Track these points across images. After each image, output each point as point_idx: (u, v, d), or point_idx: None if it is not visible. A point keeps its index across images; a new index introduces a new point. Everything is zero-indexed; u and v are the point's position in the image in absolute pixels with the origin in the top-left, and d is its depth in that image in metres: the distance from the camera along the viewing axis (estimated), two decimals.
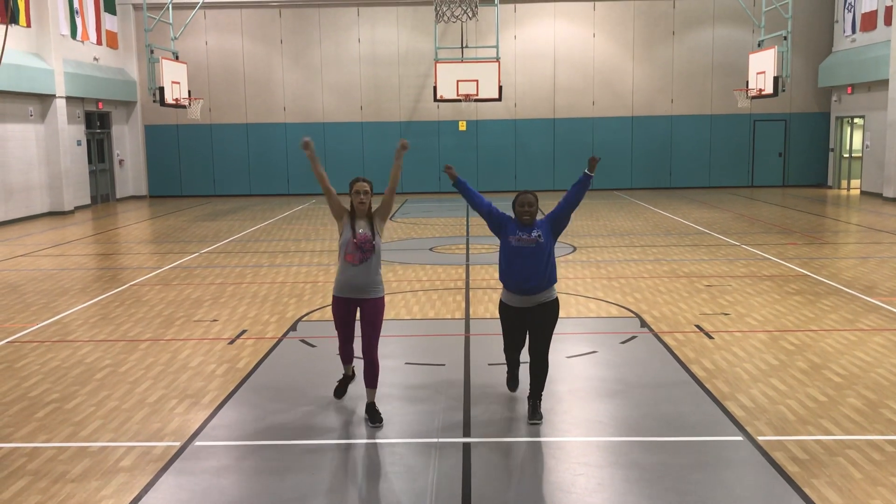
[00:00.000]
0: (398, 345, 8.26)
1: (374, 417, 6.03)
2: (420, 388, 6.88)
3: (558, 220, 6.04)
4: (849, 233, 16.54)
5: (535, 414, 6.02)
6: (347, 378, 6.59)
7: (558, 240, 6.52)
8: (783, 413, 6.13)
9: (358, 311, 6.17)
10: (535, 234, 5.91)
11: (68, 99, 22.43)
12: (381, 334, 6.21)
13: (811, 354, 7.68)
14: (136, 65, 26.81)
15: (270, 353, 8.00)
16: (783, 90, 22.31)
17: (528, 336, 6.12)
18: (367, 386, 6.14)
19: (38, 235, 17.75)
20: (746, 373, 7.13)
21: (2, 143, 19.98)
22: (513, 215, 6.07)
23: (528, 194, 5.98)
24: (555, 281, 6.02)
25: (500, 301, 6.19)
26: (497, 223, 6.11)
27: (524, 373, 6.39)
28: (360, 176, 6.16)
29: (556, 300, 6.05)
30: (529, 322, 6.02)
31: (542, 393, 6.15)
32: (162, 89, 21.66)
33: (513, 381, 6.51)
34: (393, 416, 6.18)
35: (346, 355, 6.44)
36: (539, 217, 6.08)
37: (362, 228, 6.02)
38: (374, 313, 6.07)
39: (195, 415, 6.28)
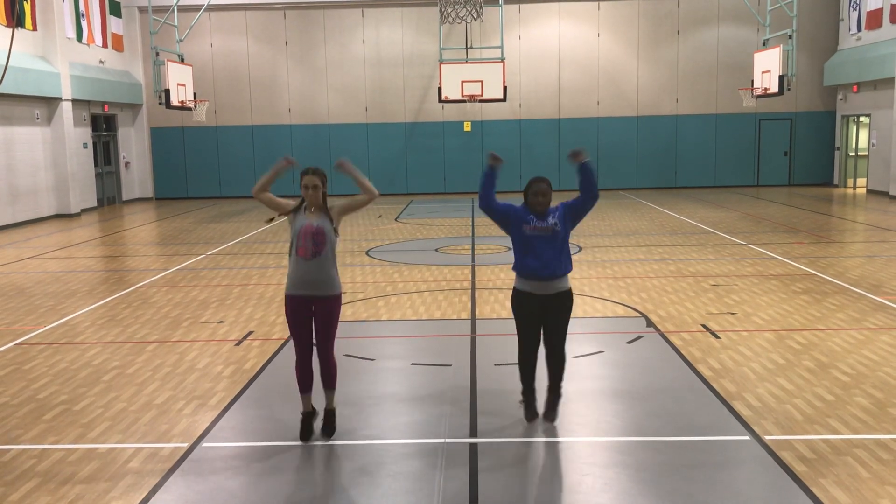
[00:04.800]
0: (404, 345, 8.25)
1: (328, 428, 5.75)
2: (426, 388, 6.88)
3: (576, 210, 5.83)
4: (855, 231, 16.49)
5: (550, 413, 5.99)
6: (309, 415, 5.82)
7: None
8: (790, 412, 6.12)
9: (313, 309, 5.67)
10: (550, 221, 5.74)
11: (74, 102, 22.51)
12: (388, 335, 6.17)
13: (818, 353, 7.66)
14: (141, 67, 26.88)
15: (277, 354, 8.00)
16: (788, 89, 22.24)
17: (542, 331, 5.96)
18: (324, 387, 5.80)
19: (44, 238, 17.81)
20: (753, 372, 7.12)
21: (8, 146, 20.07)
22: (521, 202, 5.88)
23: (542, 182, 5.78)
24: (570, 269, 5.86)
25: (514, 289, 5.95)
26: (503, 216, 5.86)
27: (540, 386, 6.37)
28: (312, 167, 5.71)
29: (571, 290, 5.92)
30: (545, 312, 5.86)
31: (562, 386, 6.08)
32: (167, 91, 21.72)
33: (530, 411, 6.05)
34: (399, 417, 6.18)
35: (305, 376, 5.76)
36: (553, 205, 5.87)
37: (315, 220, 5.61)
38: (328, 312, 5.64)
39: (202, 416, 6.30)
